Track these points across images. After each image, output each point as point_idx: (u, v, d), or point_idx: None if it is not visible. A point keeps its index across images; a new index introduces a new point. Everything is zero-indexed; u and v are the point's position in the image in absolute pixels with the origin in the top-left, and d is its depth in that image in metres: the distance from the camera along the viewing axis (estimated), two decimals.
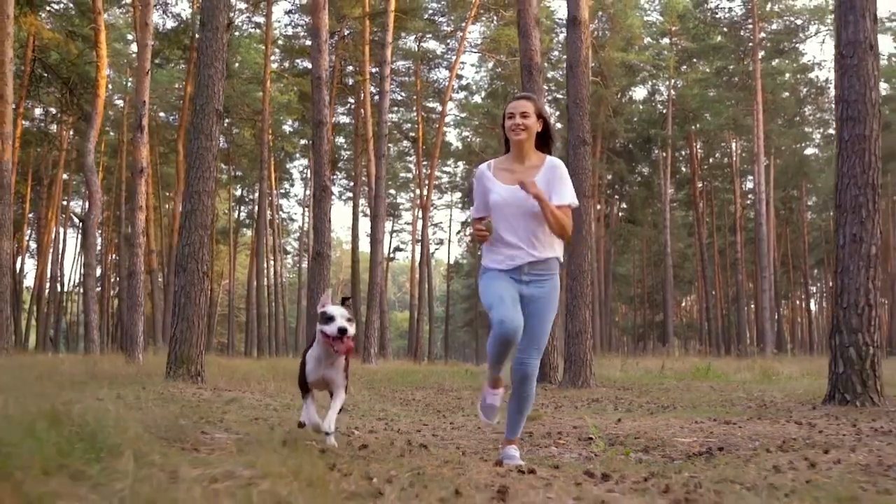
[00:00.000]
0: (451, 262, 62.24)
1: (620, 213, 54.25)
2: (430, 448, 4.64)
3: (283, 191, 54.14)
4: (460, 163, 52.59)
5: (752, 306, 51.48)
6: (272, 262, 48.21)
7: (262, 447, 3.26)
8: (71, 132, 38.31)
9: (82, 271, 33.08)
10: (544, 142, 4.47)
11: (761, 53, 39.10)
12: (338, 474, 3.01)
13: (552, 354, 12.67)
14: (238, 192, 52.12)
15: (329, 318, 4.29)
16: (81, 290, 35.08)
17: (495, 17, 37.31)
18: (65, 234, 52.24)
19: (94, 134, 24.34)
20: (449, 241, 59.93)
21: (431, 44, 41.05)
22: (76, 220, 48.35)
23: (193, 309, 9.33)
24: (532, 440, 5.22)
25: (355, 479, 2.92)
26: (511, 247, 4.28)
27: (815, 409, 7.26)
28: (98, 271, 44.06)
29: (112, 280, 50.08)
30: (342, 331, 4.20)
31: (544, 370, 12.22)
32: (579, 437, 5.34)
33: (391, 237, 56.23)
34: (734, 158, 49.32)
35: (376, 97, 31.33)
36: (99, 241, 41.42)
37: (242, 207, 54.40)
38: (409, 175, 53.34)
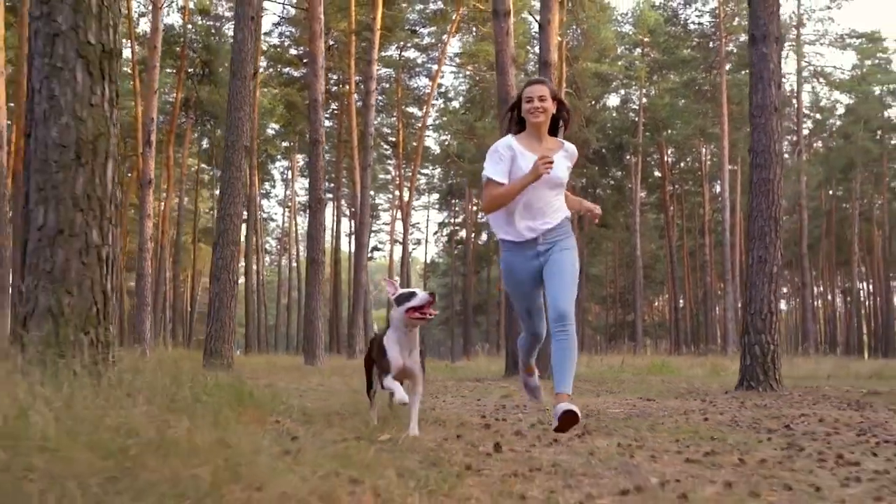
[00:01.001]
0: (428, 261, 64.24)
1: None
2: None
3: (263, 191, 55.94)
4: (438, 166, 54.65)
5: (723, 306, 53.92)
6: (254, 262, 50.06)
7: None
8: None
9: None
10: (555, 123, 4.93)
11: (728, 66, 41.50)
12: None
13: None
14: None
15: (410, 294, 4.48)
16: None
17: (475, 30, 39.49)
18: None
19: None
20: (426, 241, 62.06)
21: (412, 52, 43.33)
22: None
23: (226, 311, 11.44)
24: (505, 411, 7.31)
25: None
26: (529, 217, 4.74)
27: (726, 394, 9.43)
28: None
29: None
30: (432, 294, 4.43)
31: (514, 363, 14.32)
32: (538, 409, 7.45)
33: (370, 237, 58.17)
34: (703, 163, 51.69)
35: (359, 103, 33.55)
36: None
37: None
38: (388, 177, 55.38)
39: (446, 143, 49.90)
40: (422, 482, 2.79)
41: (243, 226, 40.96)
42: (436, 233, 61.50)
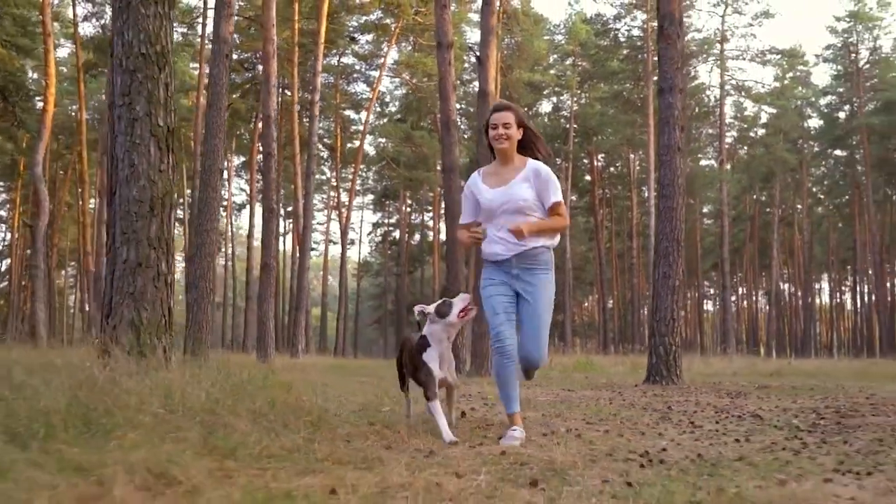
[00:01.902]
0: (361, 261, 65.76)
1: None
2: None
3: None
4: (372, 167, 56.30)
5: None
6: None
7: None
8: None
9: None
10: (525, 145, 5.10)
11: (655, 78, 44.00)
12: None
13: (462, 350, 16.68)
14: None
15: (448, 303, 4.89)
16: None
17: (413, 41, 41.42)
18: None
19: (43, 147, 27.56)
20: (360, 241, 63.67)
21: (350, 59, 45.07)
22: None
23: (202, 315, 13.14)
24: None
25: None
26: (500, 242, 4.94)
27: (635, 387, 11.44)
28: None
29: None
30: (466, 293, 4.94)
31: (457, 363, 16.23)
32: (483, 398, 9.34)
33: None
34: (632, 169, 54.25)
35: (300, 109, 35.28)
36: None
37: None
38: (324, 177, 56.91)
39: (381, 146, 51.56)
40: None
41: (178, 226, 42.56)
42: (370, 233, 63.13)
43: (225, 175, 56.88)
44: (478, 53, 17.02)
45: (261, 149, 28.56)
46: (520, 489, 3.14)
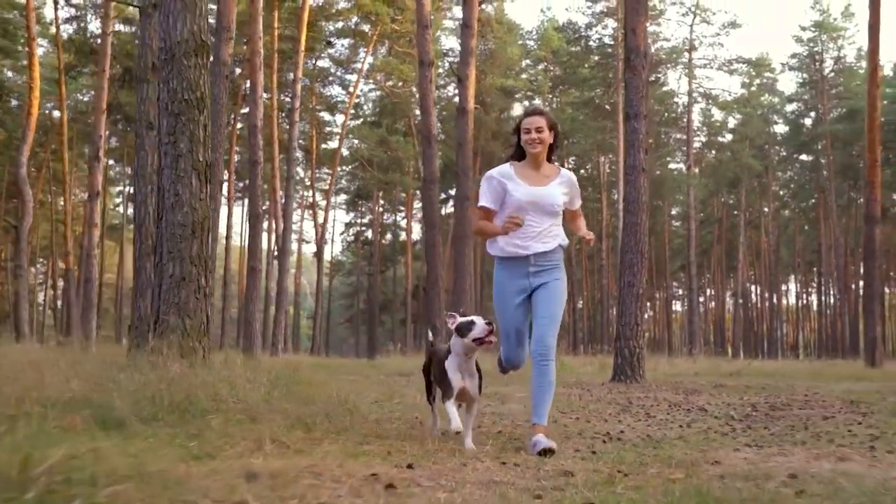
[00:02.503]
0: (332, 260, 66.78)
1: None
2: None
3: None
4: (345, 168, 57.40)
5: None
6: None
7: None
8: None
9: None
10: (551, 148, 5.25)
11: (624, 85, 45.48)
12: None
13: None
14: (131, 190, 55.46)
15: (470, 323, 4.91)
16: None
17: (388, 46, 42.70)
18: None
19: (27, 148, 28.49)
20: (332, 240, 64.77)
21: (326, 62, 46.30)
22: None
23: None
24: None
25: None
26: (525, 238, 5.06)
27: (602, 385, 12.77)
28: None
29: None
30: (489, 323, 4.87)
31: None
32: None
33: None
34: (602, 172, 55.71)
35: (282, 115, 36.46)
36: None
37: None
38: (297, 177, 57.96)
39: (355, 147, 52.67)
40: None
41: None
42: (342, 233, 64.18)
43: None
44: (458, 73, 18.28)
45: (241, 154, 29.68)
46: (518, 453, 4.47)
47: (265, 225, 50.58)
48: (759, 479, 3.67)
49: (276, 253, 56.06)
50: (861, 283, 52.09)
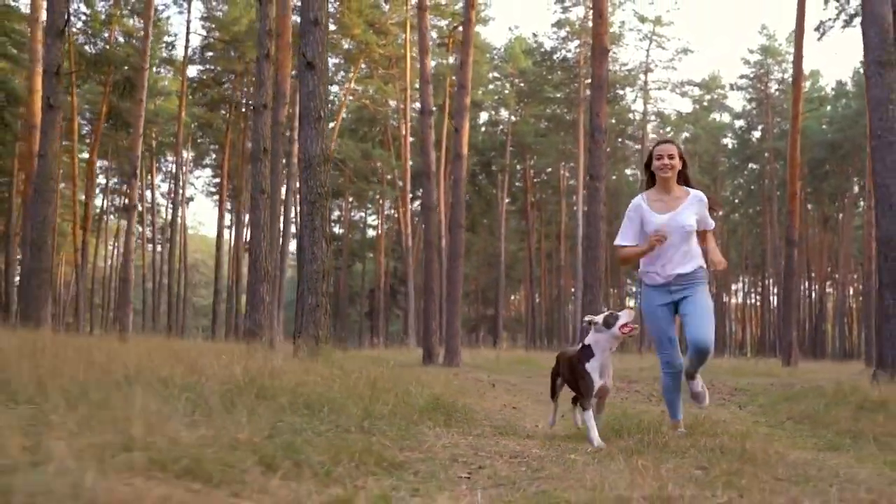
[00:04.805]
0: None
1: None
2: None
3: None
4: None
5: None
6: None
7: None
8: None
9: None
10: (682, 175, 5.87)
11: (588, 92, 50.67)
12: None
13: (436, 346, 22.93)
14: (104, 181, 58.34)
15: (615, 315, 5.51)
16: None
17: (370, 67, 47.43)
18: None
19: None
20: (299, 234, 68.95)
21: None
22: None
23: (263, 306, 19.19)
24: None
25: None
26: (665, 263, 5.70)
27: None
28: None
29: None
30: (631, 309, 5.49)
31: (432, 353, 22.52)
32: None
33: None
34: (562, 179, 60.53)
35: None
36: None
37: (112, 197, 61.20)
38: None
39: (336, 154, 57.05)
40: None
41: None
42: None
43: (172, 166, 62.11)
44: (455, 124, 23.31)
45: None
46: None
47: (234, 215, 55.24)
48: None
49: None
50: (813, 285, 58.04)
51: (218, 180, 56.18)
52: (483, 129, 58.50)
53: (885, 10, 12.59)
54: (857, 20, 26.61)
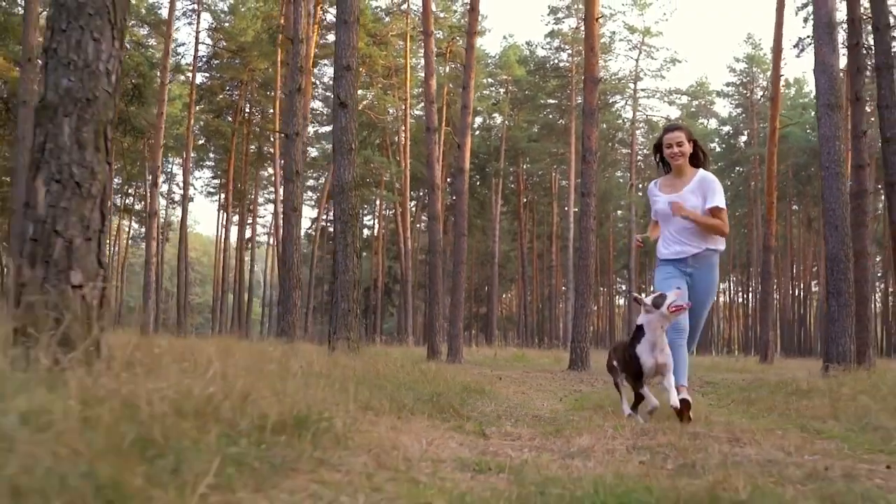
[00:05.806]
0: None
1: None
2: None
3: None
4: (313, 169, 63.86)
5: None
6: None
7: None
8: None
9: None
10: (694, 155, 6.15)
11: (576, 114, 52.88)
12: None
13: (441, 344, 25.17)
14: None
15: (662, 296, 5.71)
16: None
17: (372, 78, 49.51)
18: None
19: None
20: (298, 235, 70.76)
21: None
22: None
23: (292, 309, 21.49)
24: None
25: None
26: (678, 243, 6.04)
27: (562, 371, 20.11)
28: None
29: None
30: (679, 288, 5.74)
31: (435, 351, 24.79)
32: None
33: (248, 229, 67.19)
34: (553, 182, 62.53)
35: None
36: None
37: (114, 197, 63.41)
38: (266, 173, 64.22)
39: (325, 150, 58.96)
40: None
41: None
42: (308, 228, 70.33)
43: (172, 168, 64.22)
44: (457, 140, 25.54)
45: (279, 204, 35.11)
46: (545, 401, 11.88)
47: (235, 219, 57.48)
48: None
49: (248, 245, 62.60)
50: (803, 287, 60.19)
51: (217, 181, 58.54)
52: (477, 132, 60.43)
53: (834, 59, 14.94)
54: None
